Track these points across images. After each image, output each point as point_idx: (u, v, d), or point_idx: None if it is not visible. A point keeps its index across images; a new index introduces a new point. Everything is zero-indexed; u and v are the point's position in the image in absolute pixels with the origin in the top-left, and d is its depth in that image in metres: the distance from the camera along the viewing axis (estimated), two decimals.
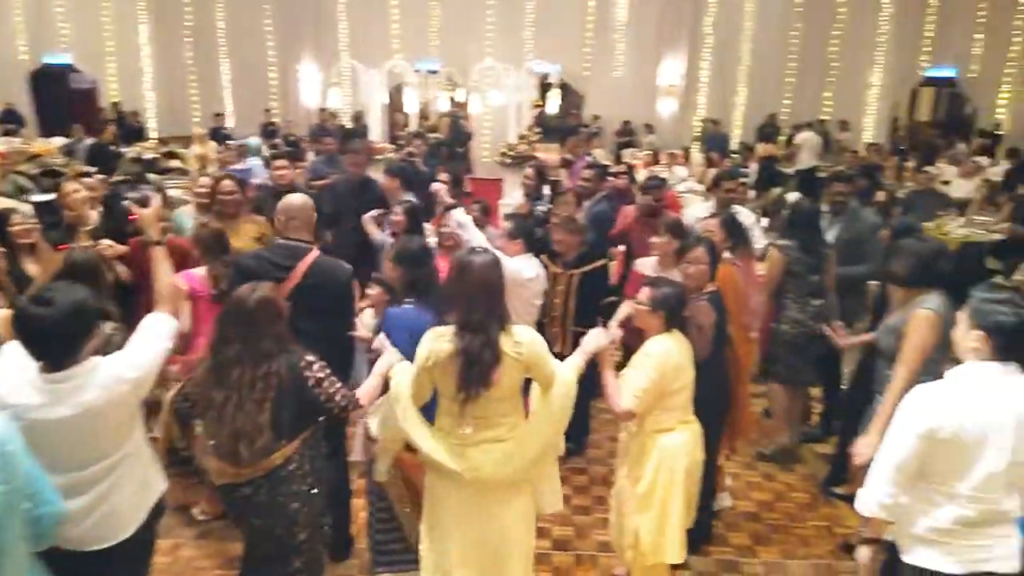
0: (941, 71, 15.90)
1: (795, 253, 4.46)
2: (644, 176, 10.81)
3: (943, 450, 2.21)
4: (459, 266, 2.58)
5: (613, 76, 15.65)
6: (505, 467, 2.58)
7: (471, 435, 2.55)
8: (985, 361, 2.23)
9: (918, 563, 2.33)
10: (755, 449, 4.80)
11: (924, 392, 2.28)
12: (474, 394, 2.47)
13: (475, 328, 2.47)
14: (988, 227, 7.92)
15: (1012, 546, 2.30)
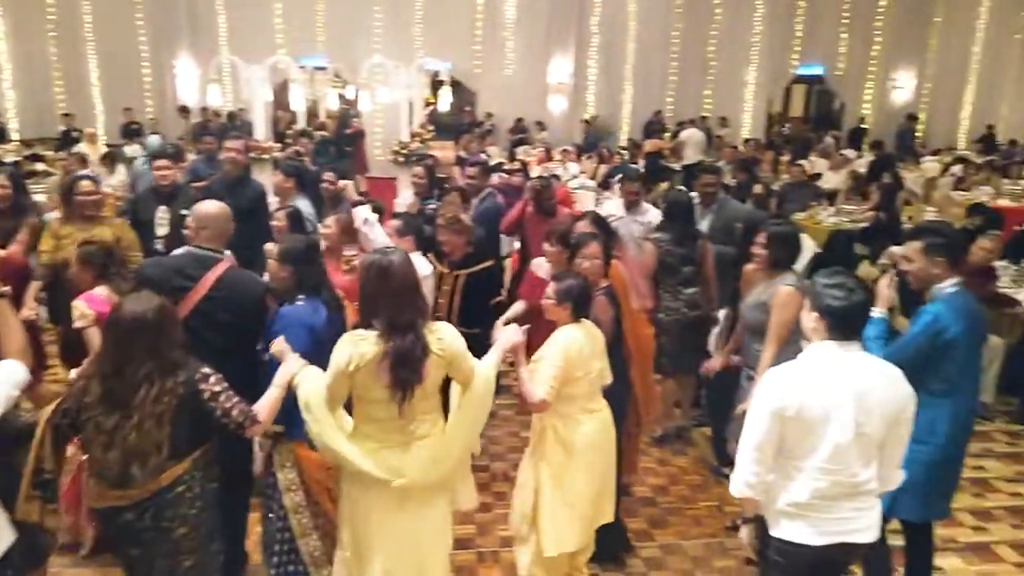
0: (811, 69, 16.91)
1: (667, 245, 4.62)
2: (538, 173, 11.01)
3: (792, 427, 2.33)
4: (378, 268, 2.51)
5: (504, 74, 15.78)
6: (433, 470, 2.56)
7: (402, 435, 2.54)
8: (825, 341, 2.37)
9: (783, 536, 2.45)
10: (649, 435, 4.95)
11: (774, 374, 2.42)
12: (411, 393, 2.46)
13: (405, 328, 2.45)
14: (855, 215, 8.47)
15: (871, 517, 2.44)
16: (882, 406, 2.33)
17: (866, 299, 2.38)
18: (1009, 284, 5.82)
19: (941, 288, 2.94)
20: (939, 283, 2.94)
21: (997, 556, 3.85)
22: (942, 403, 2.87)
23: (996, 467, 4.76)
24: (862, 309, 2.37)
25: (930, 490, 2.95)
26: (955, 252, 2.99)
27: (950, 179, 11.20)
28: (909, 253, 3.01)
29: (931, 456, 2.89)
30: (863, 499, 2.41)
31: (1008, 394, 5.49)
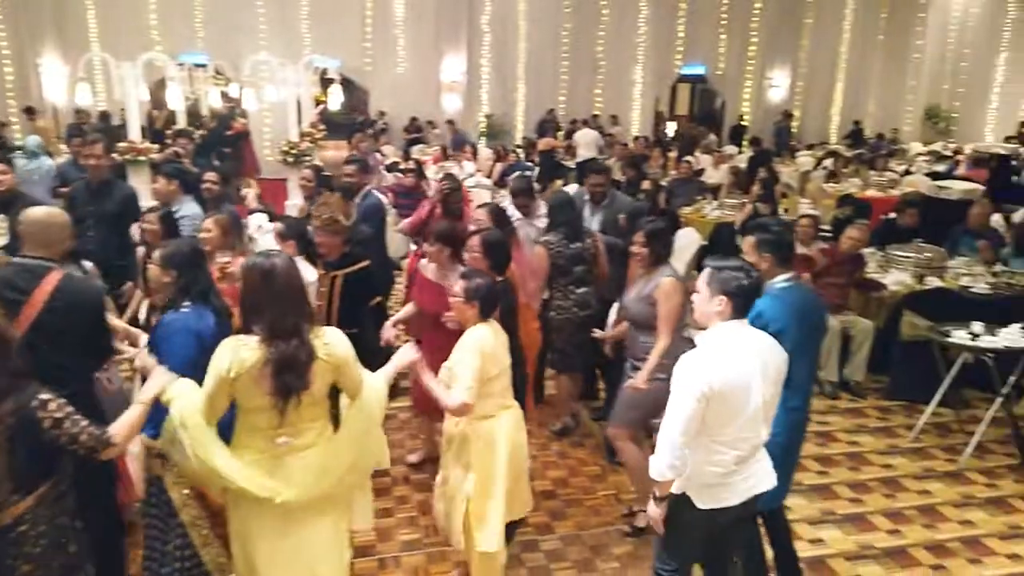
0: (693, 68, 17.59)
1: (557, 246, 4.65)
2: (434, 172, 10.95)
3: (717, 405, 2.46)
4: (261, 271, 2.42)
5: (396, 72, 15.59)
6: (318, 482, 2.47)
7: (286, 444, 2.44)
8: (727, 321, 2.53)
9: (708, 506, 2.59)
10: (548, 427, 5.05)
11: (691, 359, 2.50)
12: (294, 400, 2.38)
13: (288, 333, 2.37)
14: (736, 209, 8.87)
15: (767, 466, 2.69)
16: (777, 375, 2.58)
17: (760, 278, 2.59)
18: (876, 269, 6.23)
19: (772, 283, 3.04)
20: (771, 278, 3.04)
21: (872, 525, 4.11)
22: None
23: (869, 441, 5.08)
24: (760, 287, 2.59)
25: (780, 475, 3.02)
26: (781, 248, 3.10)
27: (822, 172, 11.92)
28: (745, 248, 3.17)
29: (779, 443, 2.95)
30: (760, 451, 2.66)
31: (878, 372, 5.87)
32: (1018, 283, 5.89)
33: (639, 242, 3.72)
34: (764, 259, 3.07)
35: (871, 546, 3.92)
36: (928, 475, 4.65)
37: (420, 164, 10.72)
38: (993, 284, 5.88)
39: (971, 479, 4.61)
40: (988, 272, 6.11)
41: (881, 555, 3.84)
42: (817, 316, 3.19)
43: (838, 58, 18.09)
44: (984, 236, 6.77)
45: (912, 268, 6.11)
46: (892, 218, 7.28)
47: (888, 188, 10.51)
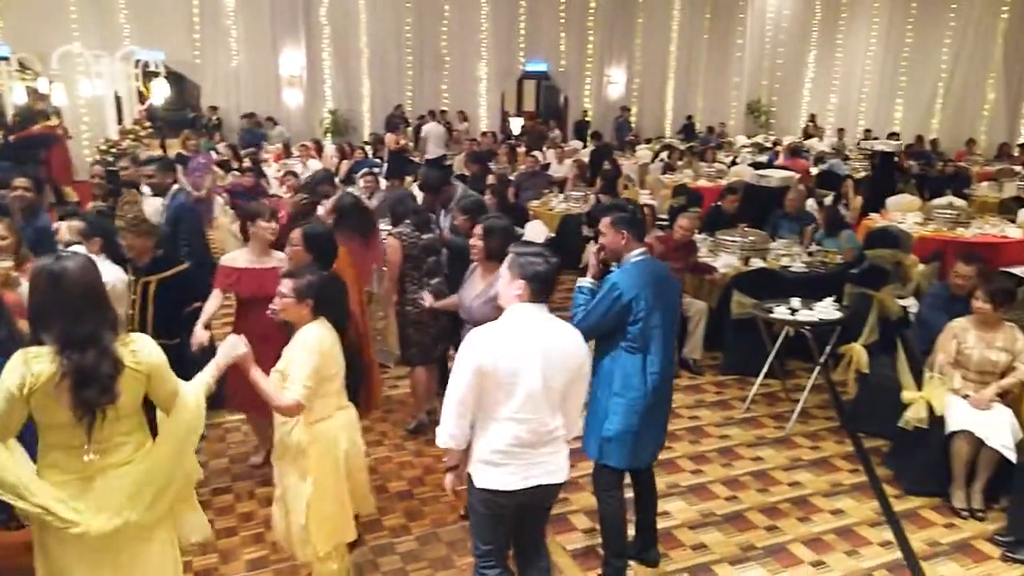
0: (537, 65, 17.96)
1: (409, 238, 4.62)
2: (275, 169, 10.48)
3: (490, 381, 2.56)
4: (49, 275, 2.17)
5: (230, 66, 14.76)
6: (135, 503, 2.25)
7: (96, 462, 2.20)
8: (525, 303, 2.64)
9: (486, 485, 2.66)
10: (403, 427, 4.97)
11: (475, 334, 2.63)
12: (100, 415, 2.16)
13: (85, 342, 2.14)
14: (581, 201, 9.15)
15: (560, 460, 2.74)
16: (565, 362, 2.64)
17: (558, 264, 2.71)
18: (707, 254, 6.62)
19: (628, 257, 3.29)
20: (627, 253, 3.29)
21: (712, 493, 4.36)
22: (633, 359, 3.20)
23: (707, 415, 5.40)
24: (556, 273, 2.69)
25: (632, 439, 3.27)
26: (636, 224, 3.34)
27: (659, 164, 12.56)
28: (602, 227, 3.37)
29: (629, 407, 3.23)
30: (554, 445, 2.71)
31: (713, 350, 6.25)
32: (830, 261, 6.46)
33: (477, 235, 3.74)
34: (622, 235, 3.27)
35: (712, 513, 4.15)
36: (760, 442, 5.00)
37: (259, 163, 10.26)
38: (808, 263, 6.42)
39: (797, 443, 5.00)
40: (804, 252, 6.67)
41: (721, 521, 4.08)
42: (668, 287, 3.36)
43: (669, 56, 19.14)
44: (800, 219, 7.39)
45: (738, 251, 6.55)
46: (718, 205, 7.78)
47: (717, 178, 11.23)
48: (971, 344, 4.27)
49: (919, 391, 4.30)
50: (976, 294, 4.26)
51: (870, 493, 4.38)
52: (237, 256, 4.07)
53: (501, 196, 7.37)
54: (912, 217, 8.24)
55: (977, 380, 4.26)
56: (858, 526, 4.05)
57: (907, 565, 3.71)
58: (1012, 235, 7.77)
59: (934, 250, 7.03)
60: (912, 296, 6.01)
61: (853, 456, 4.83)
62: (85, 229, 3.83)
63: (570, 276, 8.76)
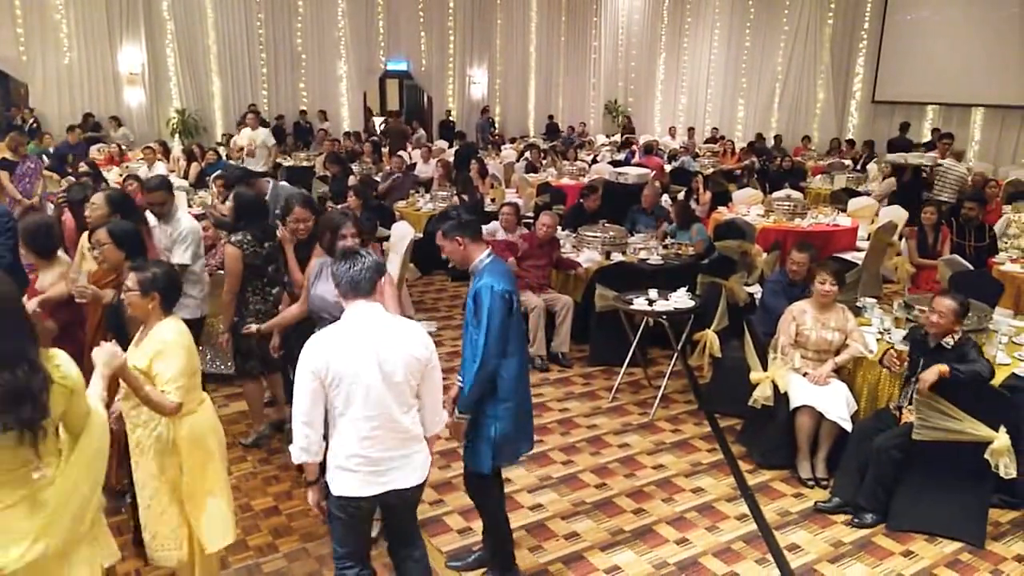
0: (398, 64, 17.76)
1: (250, 246, 4.43)
2: (115, 174, 9.75)
3: (327, 384, 2.54)
4: None
5: (62, 63, 13.57)
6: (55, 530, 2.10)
7: (40, 478, 2.07)
8: (348, 303, 2.66)
9: (340, 492, 2.64)
10: (240, 441, 4.79)
11: (310, 341, 2.62)
12: (42, 433, 2.04)
13: (12, 358, 2.00)
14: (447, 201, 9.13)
15: (417, 461, 2.73)
16: (404, 356, 2.62)
17: (368, 263, 2.65)
18: (570, 250, 6.79)
19: (480, 261, 3.18)
20: (475, 257, 3.18)
21: (583, 482, 4.47)
22: (512, 361, 3.17)
23: (576, 406, 5.53)
24: (363, 270, 2.62)
25: (519, 436, 3.29)
26: (468, 227, 3.18)
27: (524, 163, 12.76)
28: (437, 242, 3.23)
29: (517, 409, 3.22)
30: (409, 445, 2.69)
31: (581, 342, 6.42)
32: (683, 253, 6.80)
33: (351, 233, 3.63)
34: (457, 242, 3.17)
35: (583, 502, 4.26)
36: (626, 429, 5.19)
37: (96, 166, 9.50)
38: (664, 255, 6.73)
39: (660, 427, 5.23)
40: (660, 245, 6.98)
41: (592, 509, 4.19)
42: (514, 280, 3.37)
43: (529, 58, 19.50)
44: (655, 214, 7.74)
45: (600, 246, 6.76)
46: (580, 203, 8.00)
47: (579, 176, 11.56)
48: (809, 325, 4.62)
49: (765, 371, 4.60)
50: (821, 277, 4.60)
51: (726, 470, 4.65)
52: None
53: (364, 197, 7.22)
54: (755, 209, 8.83)
55: (815, 359, 4.61)
56: (717, 502, 4.28)
57: (762, 536, 3.96)
58: (843, 224, 8.49)
59: (775, 240, 7.55)
60: (757, 283, 6.44)
61: (711, 436, 5.10)
62: None
63: (439, 276, 8.82)
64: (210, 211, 7.19)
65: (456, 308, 7.61)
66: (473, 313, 3.11)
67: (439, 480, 4.38)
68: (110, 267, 3.67)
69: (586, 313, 6.26)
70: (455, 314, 7.37)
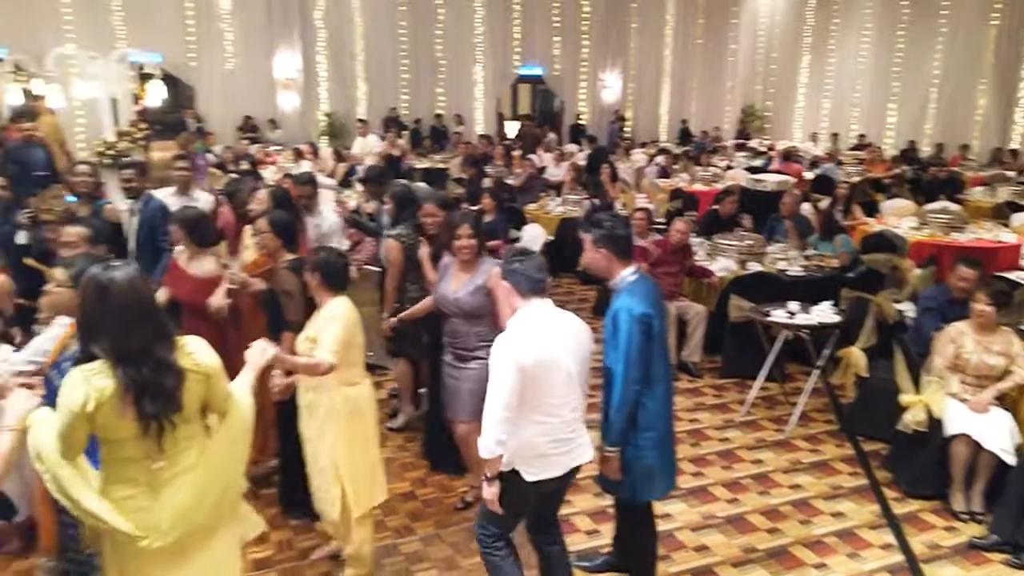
0: (531, 69, 17.99)
1: (409, 240, 4.64)
2: (271, 172, 10.47)
3: (532, 377, 2.66)
4: (97, 286, 2.10)
5: (225, 68, 14.72)
6: (199, 507, 2.23)
7: (165, 470, 2.18)
8: (526, 301, 2.79)
9: (536, 478, 2.77)
10: (387, 426, 4.98)
11: (506, 337, 2.72)
12: (169, 424, 2.13)
13: (137, 356, 2.08)
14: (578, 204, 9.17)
15: (588, 437, 2.94)
16: (581, 349, 2.85)
17: (540, 261, 2.85)
18: (704, 257, 6.66)
19: (623, 277, 3.04)
20: (617, 272, 3.04)
21: (713, 496, 4.39)
22: (657, 388, 3.03)
23: (707, 418, 5.42)
24: (539, 268, 2.82)
25: (664, 466, 3.17)
26: (618, 242, 3.01)
27: (655, 168, 12.60)
28: (585, 245, 3.09)
29: (661, 439, 3.09)
30: (581, 426, 2.90)
31: (712, 353, 6.28)
32: (826, 265, 6.51)
33: (467, 234, 3.76)
34: (601, 254, 3.04)
35: (713, 515, 4.17)
36: (760, 445, 5.03)
37: (256, 165, 10.26)
38: (805, 266, 6.46)
39: (797, 446, 5.03)
40: (801, 256, 6.71)
41: (723, 523, 4.10)
42: (663, 303, 3.33)
43: (663, 61, 19.20)
44: (796, 223, 7.43)
45: (736, 255, 6.58)
46: (715, 209, 7.82)
47: (712, 182, 11.28)
48: (969, 348, 4.31)
49: (917, 394, 4.33)
50: (977, 297, 4.29)
51: (870, 496, 4.42)
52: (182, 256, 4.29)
53: (498, 199, 7.39)
54: (907, 222, 8.30)
55: (975, 384, 4.29)
56: (859, 529, 4.08)
57: (908, 567, 3.74)
58: (1007, 240, 7.84)
59: (929, 254, 7.08)
60: (908, 300, 6.06)
61: (853, 459, 4.86)
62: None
63: (568, 279, 8.86)
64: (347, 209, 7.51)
65: (583, 311, 7.63)
66: (611, 334, 3.00)
67: None
68: (268, 252, 3.98)
69: (719, 323, 6.12)
70: (582, 316, 7.34)
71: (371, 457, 3.41)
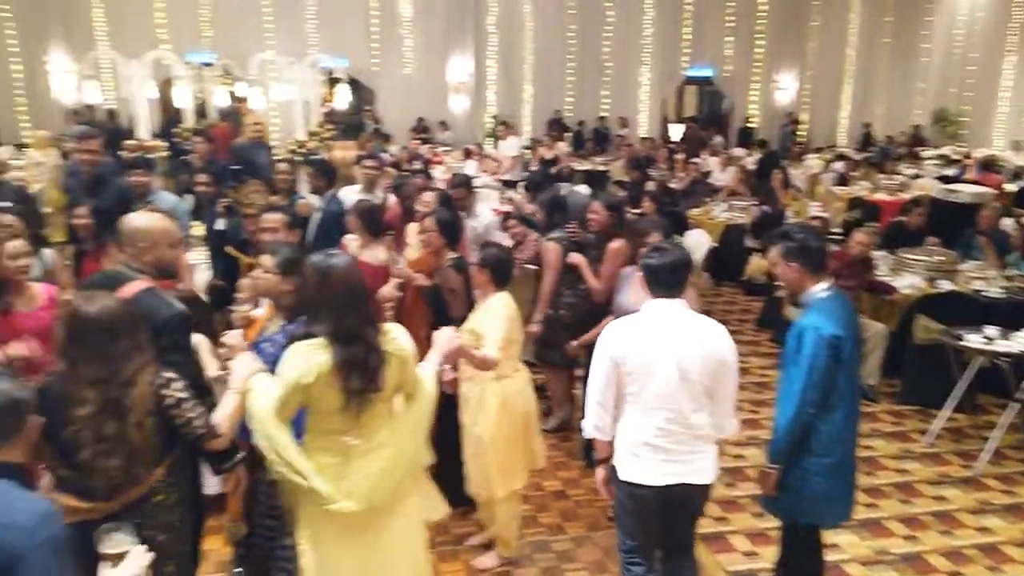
0: (700, 70, 17.53)
1: (568, 244, 4.69)
2: (440, 172, 10.92)
3: (623, 371, 2.65)
4: (319, 272, 2.38)
5: (403, 72, 15.53)
6: (385, 484, 2.43)
7: (360, 445, 2.39)
8: (653, 298, 2.71)
9: (628, 478, 2.70)
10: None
11: (610, 327, 2.76)
12: (368, 401, 2.35)
13: (351, 336, 2.32)
14: (745, 211, 8.83)
15: (706, 460, 2.70)
16: (704, 356, 2.63)
17: (678, 260, 2.71)
18: (887, 272, 6.18)
19: (814, 292, 2.87)
20: (808, 287, 2.87)
21: (888, 531, 4.07)
22: (836, 415, 2.83)
23: (883, 446, 5.03)
24: (673, 267, 2.69)
25: (838, 497, 2.98)
26: (811, 255, 2.86)
27: (832, 175, 11.86)
28: (772, 257, 2.96)
29: (836, 467, 2.89)
30: (698, 444, 2.69)
31: (891, 376, 5.81)
32: None
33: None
34: (792, 268, 2.87)
35: (887, 552, 3.87)
36: (943, 481, 4.60)
37: (427, 164, 10.74)
38: (1006, 288, 5.83)
39: (987, 485, 4.56)
40: (1001, 276, 6.06)
41: (898, 561, 3.80)
42: (856, 322, 3.10)
43: (845, 61, 18.01)
44: (995, 239, 6.71)
45: (924, 271, 6.06)
46: (901, 220, 7.23)
47: (898, 191, 10.45)
48: None
49: None
50: None
51: None
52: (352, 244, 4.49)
53: (660, 203, 7.26)
54: None
55: None
56: None
57: None
58: None
59: None
60: None
61: None
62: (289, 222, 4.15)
63: (731, 288, 8.54)
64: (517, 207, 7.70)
65: (747, 323, 7.33)
66: (794, 351, 2.83)
67: (723, 497, 4.27)
68: (432, 250, 4.12)
69: (899, 344, 5.66)
70: (745, 329, 7.10)
71: (521, 444, 3.51)
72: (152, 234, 2.77)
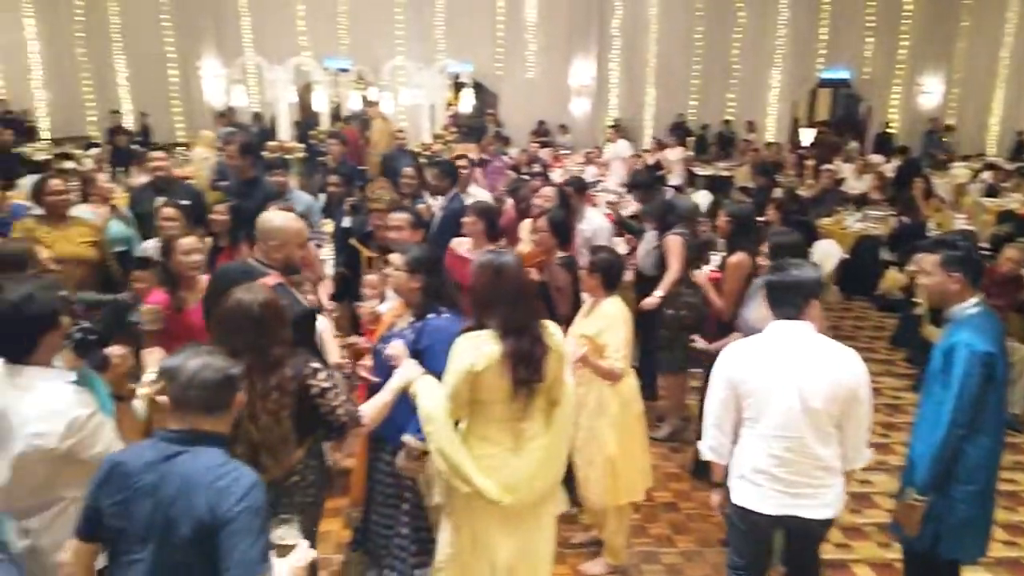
0: (836, 72, 16.69)
1: (691, 239, 4.76)
2: (558, 174, 10.98)
3: (741, 395, 2.57)
4: (493, 268, 2.56)
5: (526, 76, 15.72)
6: (544, 475, 2.57)
7: (526, 432, 2.55)
8: (775, 319, 2.60)
9: (740, 503, 2.60)
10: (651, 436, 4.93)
11: (729, 349, 2.68)
12: (535, 389, 2.51)
13: (521, 328, 2.49)
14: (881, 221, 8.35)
15: (829, 495, 2.54)
16: (831, 385, 2.47)
17: (802, 280, 2.57)
18: None
19: (963, 308, 2.73)
20: (959, 301, 2.74)
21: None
22: (984, 439, 2.68)
23: None
24: (796, 287, 2.57)
25: (977, 527, 2.80)
26: (973, 267, 2.73)
27: (980, 185, 11.02)
28: (926, 266, 2.82)
29: (982, 495, 2.74)
30: (822, 475, 2.54)
31: None
32: None
33: (764, 252, 3.69)
34: (954, 279, 2.71)
35: None
36: None
37: (545, 166, 10.83)
38: None
39: None
40: None
41: None
42: (1005, 345, 2.87)
43: (998, 64, 16.63)
44: None
45: None
46: None
47: None
48: None
49: None
50: None
51: None
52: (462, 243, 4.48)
53: (787, 211, 6.98)
54: None
55: None
56: None
57: None
58: None
59: None
60: None
61: None
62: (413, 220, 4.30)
63: (862, 303, 8.09)
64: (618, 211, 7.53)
65: (879, 340, 6.93)
66: (940, 370, 2.68)
67: (848, 524, 4.07)
68: (544, 249, 4.18)
69: None
70: (878, 347, 6.72)
71: (640, 454, 3.52)
72: (285, 233, 3.00)
